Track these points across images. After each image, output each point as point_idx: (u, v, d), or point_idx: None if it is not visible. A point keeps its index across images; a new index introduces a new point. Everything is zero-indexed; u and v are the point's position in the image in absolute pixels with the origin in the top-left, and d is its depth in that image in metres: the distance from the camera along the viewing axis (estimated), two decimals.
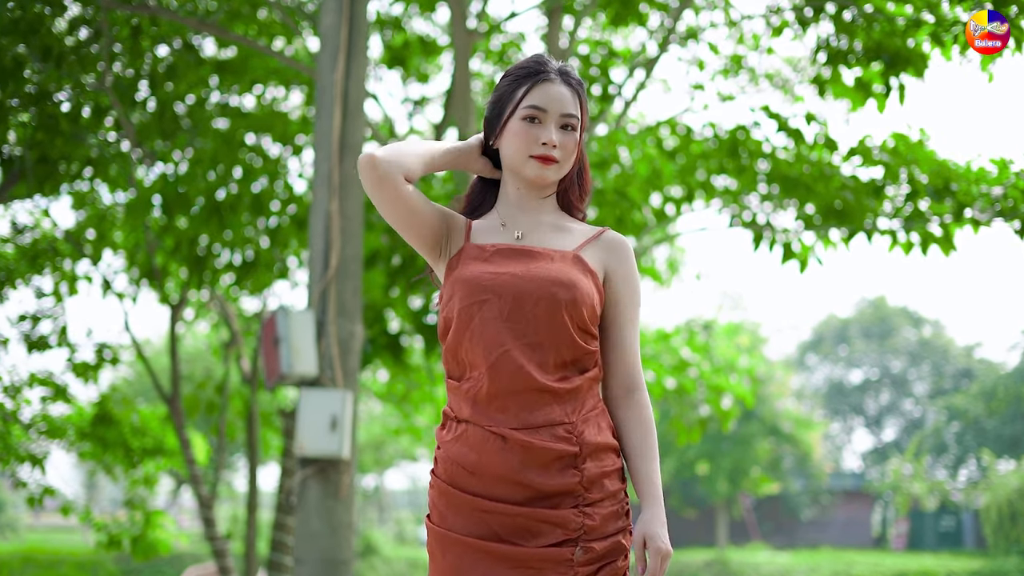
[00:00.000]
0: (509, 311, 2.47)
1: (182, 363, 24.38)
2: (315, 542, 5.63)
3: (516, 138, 2.55)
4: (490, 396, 2.46)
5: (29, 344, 9.76)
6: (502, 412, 2.46)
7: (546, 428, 2.44)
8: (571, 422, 2.46)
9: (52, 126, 7.67)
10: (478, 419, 2.47)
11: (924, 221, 7.13)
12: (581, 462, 2.45)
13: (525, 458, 2.42)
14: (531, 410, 2.45)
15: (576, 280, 2.50)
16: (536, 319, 2.47)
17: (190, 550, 23.52)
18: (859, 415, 50.20)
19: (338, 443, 5.63)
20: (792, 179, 7.31)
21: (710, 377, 10.62)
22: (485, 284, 2.50)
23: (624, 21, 9.16)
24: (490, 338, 2.47)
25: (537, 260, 2.53)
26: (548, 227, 2.62)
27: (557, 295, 2.47)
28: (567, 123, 2.56)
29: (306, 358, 5.69)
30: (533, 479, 2.42)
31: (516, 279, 2.49)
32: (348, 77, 6.10)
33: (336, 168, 6.00)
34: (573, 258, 2.54)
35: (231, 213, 8.32)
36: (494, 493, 2.44)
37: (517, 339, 2.46)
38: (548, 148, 2.53)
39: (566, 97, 2.56)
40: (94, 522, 10.16)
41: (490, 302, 2.48)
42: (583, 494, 2.44)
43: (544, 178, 2.57)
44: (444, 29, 10.28)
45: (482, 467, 2.45)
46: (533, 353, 2.46)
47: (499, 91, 2.61)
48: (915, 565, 28.24)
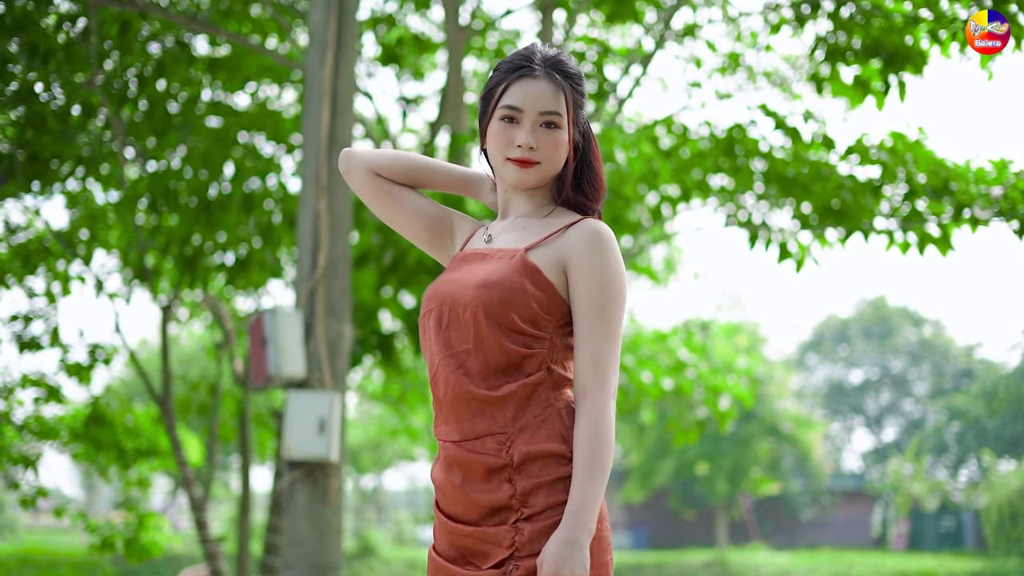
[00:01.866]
0: (446, 320, 2.38)
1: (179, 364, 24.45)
2: (303, 547, 5.55)
3: (494, 139, 2.44)
4: (440, 408, 2.40)
5: (21, 344, 9.69)
6: (448, 424, 2.38)
7: (480, 439, 2.33)
8: (504, 432, 2.31)
9: (40, 124, 7.58)
10: (438, 433, 2.42)
11: (922, 221, 7.06)
12: (515, 474, 2.29)
13: (465, 473, 2.34)
14: (471, 421, 2.34)
15: (505, 279, 2.34)
16: (465, 325, 2.35)
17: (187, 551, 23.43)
18: (859, 415, 50.16)
19: (326, 446, 5.54)
20: (789, 178, 7.23)
21: (708, 378, 10.54)
22: (432, 294, 2.45)
23: (620, 18, 9.09)
24: (432, 349, 2.41)
25: (485, 262, 2.42)
26: (520, 226, 2.47)
27: (479, 298, 2.33)
28: (548, 121, 2.40)
29: (294, 359, 5.61)
30: (475, 495, 2.32)
31: (454, 286, 2.40)
32: (337, 73, 6.02)
33: (324, 166, 5.91)
34: (516, 256, 2.38)
35: (221, 212, 8.23)
36: (451, 512, 2.38)
37: (450, 348, 2.36)
38: (524, 151, 2.40)
39: (546, 93, 2.40)
40: (87, 524, 10.10)
41: (433, 312, 2.41)
42: (520, 508, 2.28)
43: (524, 182, 2.44)
44: (439, 26, 10.21)
45: (441, 486, 2.40)
46: (466, 360, 2.34)
47: (485, 89, 2.50)
48: (915, 566, 28.19)
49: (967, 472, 40.44)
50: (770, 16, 8.55)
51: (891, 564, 29.03)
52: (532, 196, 2.51)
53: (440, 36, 10.10)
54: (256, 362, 5.81)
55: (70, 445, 10.47)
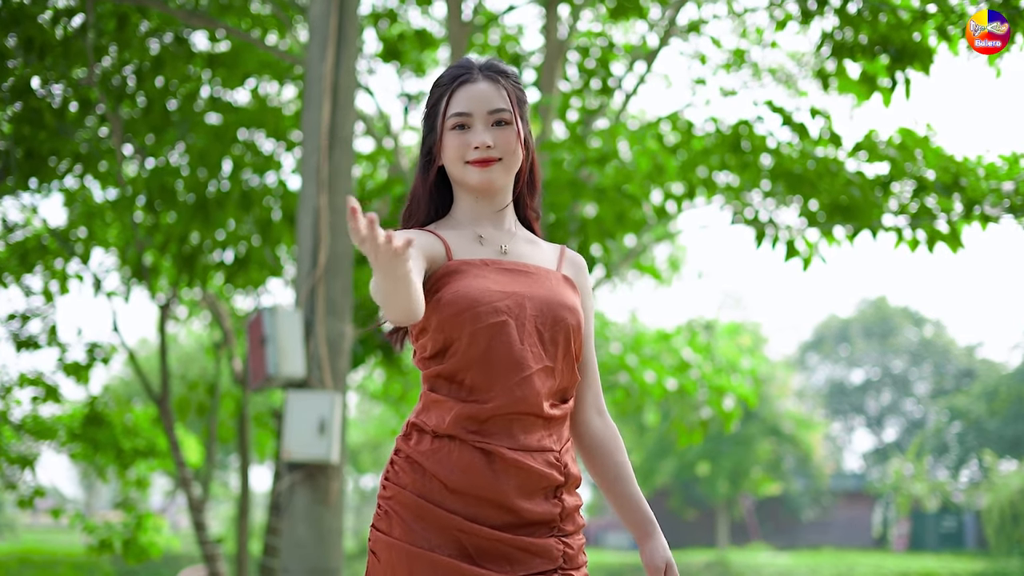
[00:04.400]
0: (527, 334, 2.37)
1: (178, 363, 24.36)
2: (302, 550, 5.43)
3: (450, 150, 2.44)
4: (493, 416, 2.34)
5: (18, 343, 9.62)
6: (498, 431, 2.34)
7: (539, 453, 2.36)
8: (557, 450, 2.38)
9: (37, 120, 7.49)
10: (465, 435, 2.33)
11: (931, 218, 6.96)
12: (563, 493, 2.38)
13: (518, 481, 2.32)
14: (527, 433, 2.36)
15: (576, 304, 2.45)
16: (553, 343, 2.39)
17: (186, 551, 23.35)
18: (860, 415, 50.12)
19: (327, 447, 5.42)
20: (796, 175, 7.12)
21: (712, 378, 10.43)
22: (496, 304, 2.36)
23: (624, 14, 8.99)
24: (513, 362, 2.35)
25: (534, 279, 2.44)
26: (521, 240, 2.51)
27: (567, 320, 2.41)
28: (498, 119, 2.43)
29: (293, 359, 5.49)
30: (520, 504, 2.32)
31: (526, 300, 2.39)
32: (338, 68, 5.89)
33: (325, 161, 5.79)
34: (563, 278, 2.48)
35: (220, 209, 8.13)
36: (473, 514, 2.31)
37: (537, 363, 2.36)
38: (482, 151, 2.41)
39: (489, 93, 2.43)
40: (85, 525, 10.03)
41: (507, 325, 2.35)
42: (559, 525, 2.37)
43: (490, 182, 2.44)
44: (441, 23, 10.12)
45: (466, 487, 2.31)
46: (547, 379, 2.38)
47: (426, 106, 2.51)
48: (917, 566, 28.13)
49: (968, 472, 40.42)
50: (775, 12, 8.46)
51: (892, 565, 28.98)
52: (499, 204, 2.51)
53: (442, 32, 10.01)
54: (255, 362, 5.68)
55: (68, 445, 10.40)
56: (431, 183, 2.50)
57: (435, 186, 2.52)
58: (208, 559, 8.98)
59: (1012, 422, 37.92)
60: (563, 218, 6.89)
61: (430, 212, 2.52)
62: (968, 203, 6.71)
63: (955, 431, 40.48)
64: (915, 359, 48.88)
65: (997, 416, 38.06)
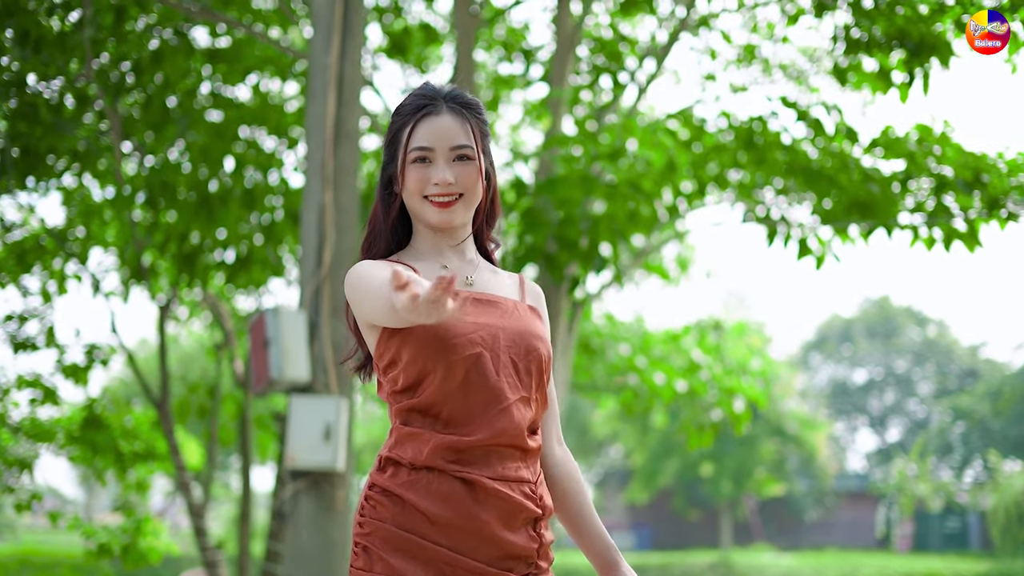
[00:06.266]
0: (503, 365, 2.35)
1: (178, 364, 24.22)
2: (307, 560, 5.24)
3: (411, 183, 2.41)
4: (472, 448, 2.30)
5: (16, 345, 9.51)
6: (477, 460, 2.31)
7: (516, 484, 2.33)
8: (532, 482, 2.37)
9: (33, 115, 7.33)
10: (444, 465, 2.28)
11: (949, 216, 6.80)
12: (540, 527, 2.37)
13: (499, 511, 2.29)
14: (504, 464, 2.33)
15: (545, 334, 2.45)
16: (528, 374, 2.38)
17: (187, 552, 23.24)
18: (863, 415, 50.02)
19: (332, 454, 5.23)
20: (814, 171, 6.95)
21: (722, 379, 10.27)
22: (470, 336, 2.33)
23: (634, 9, 8.84)
24: (491, 393, 2.32)
25: (503, 310, 2.42)
26: (485, 271, 2.51)
27: (540, 350, 2.40)
28: (460, 155, 2.40)
29: (297, 362, 5.30)
30: (503, 535, 2.29)
31: (499, 331, 2.37)
32: (343, 59, 5.71)
33: (330, 157, 5.61)
34: (530, 308, 2.47)
35: (221, 207, 7.96)
36: (457, 546, 2.27)
37: (515, 393, 2.35)
38: (442, 187, 2.39)
39: (452, 128, 2.40)
40: (84, 529, 9.91)
41: (483, 356, 2.33)
42: (536, 561, 2.34)
43: (449, 222, 2.42)
44: (446, 18, 9.97)
45: (449, 517, 2.27)
46: (526, 409, 2.36)
47: (388, 134, 2.48)
48: (921, 567, 28.05)
49: (972, 473, 40.33)
50: (787, 6, 8.30)
51: (897, 565, 28.92)
52: (458, 237, 2.49)
53: (447, 28, 9.87)
54: (257, 365, 5.49)
55: (67, 448, 10.28)
56: (393, 214, 2.48)
57: (397, 217, 2.50)
58: (209, 565, 8.84)
59: (1016, 422, 37.82)
60: (574, 215, 6.71)
61: (391, 243, 2.50)
62: (990, 200, 6.55)
63: (959, 431, 40.39)
64: (918, 359, 48.77)
65: (1001, 416, 37.98)
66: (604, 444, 42.35)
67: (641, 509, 42.17)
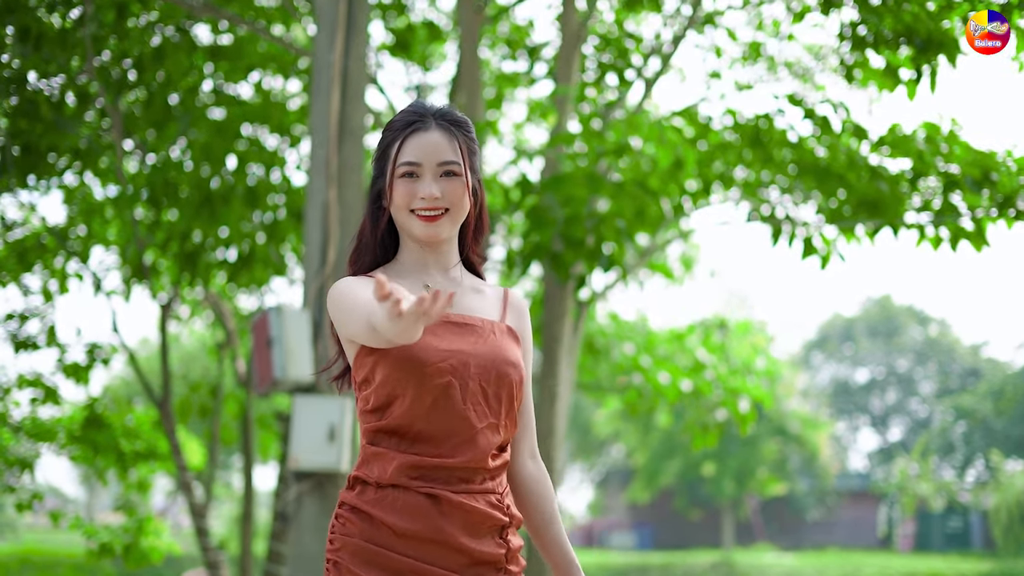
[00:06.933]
0: (470, 393, 2.40)
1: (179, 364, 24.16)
2: (311, 564, 5.18)
3: (398, 197, 2.47)
4: (436, 468, 2.37)
5: (16, 344, 9.47)
6: (441, 477, 2.38)
7: (482, 495, 2.40)
8: (499, 493, 2.44)
9: (34, 113, 7.28)
10: (408, 483, 2.36)
11: (956, 215, 6.74)
12: (507, 534, 2.44)
13: (464, 522, 2.37)
14: (470, 480, 2.40)
15: (518, 359, 2.48)
16: (497, 400, 2.43)
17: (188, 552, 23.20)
18: (864, 415, 49.97)
19: (336, 455, 5.17)
20: (822, 169, 6.89)
21: (727, 379, 10.21)
22: (439, 365, 2.38)
23: (638, 6, 8.78)
24: (456, 421, 2.38)
25: (478, 334, 2.46)
26: (468, 290, 2.55)
27: (511, 376, 2.44)
28: (447, 170, 2.45)
29: (301, 361, 5.25)
30: (469, 545, 2.36)
31: (470, 358, 2.42)
32: (347, 55, 5.65)
33: (334, 154, 5.55)
34: (507, 330, 2.52)
35: (224, 205, 7.90)
36: (424, 556, 2.34)
37: (482, 420, 2.41)
38: (428, 201, 2.44)
39: (441, 144, 2.45)
40: (85, 529, 9.88)
41: (451, 385, 2.38)
42: (504, 567, 2.42)
43: (435, 235, 2.47)
44: (448, 16, 9.90)
45: (415, 530, 2.34)
46: (493, 435, 2.42)
47: (378, 150, 2.54)
48: (924, 567, 28.01)
49: (974, 472, 40.28)
50: (792, 3, 8.23)
51: (899, 565, 28.89)
52: (442, 251, 2.54)
53: (449, 25, 9.81)
54: (260, 364, 5.42)
55: (68, 447, 10.25)
56: (381, 228, 2.54)
57: (384, 231, 2.55)
58: (211, 566, 8.79)
59: (1019, 422, 37.78)
60: (580, 213, 6.64)
61: (377, 256, 2.55)
62: (1004, 199, 6.50)
63: (961, 431, 40.35)
64: (920, 358, 48.72)
65: (1003, 416, 37.94)
66: (606, 443, 42.33)
67: (643, 509, 42.15)
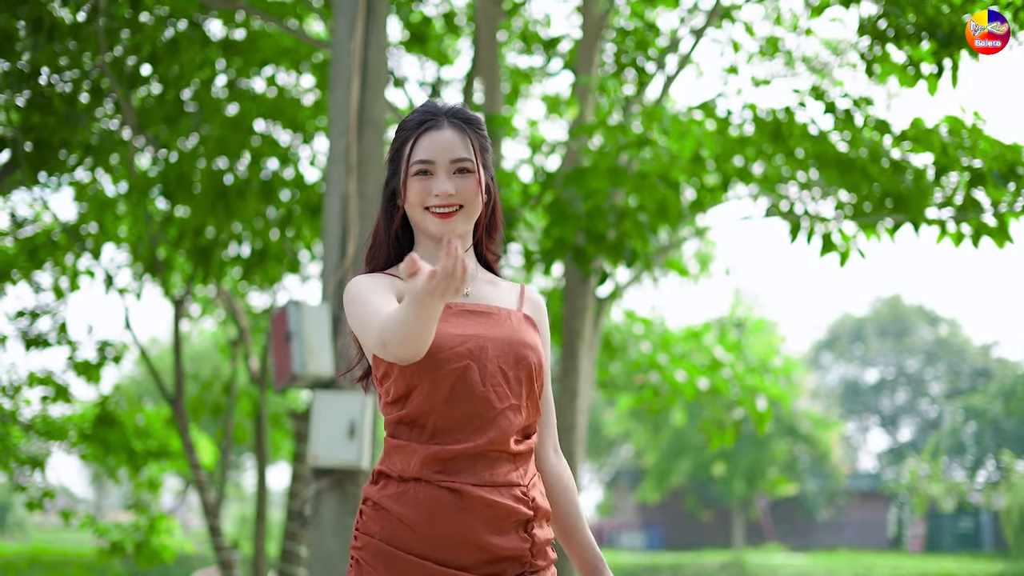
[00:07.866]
0: (489, 375, 2.41)
1: (189, 362, 24.14)
2: (331, 563, 5.09)
3: (412, 195, 2.50)
4: (458, 457, 2.37)
5: (27, 342, 9.44)
6: (463, 468, 2.38)
7: (506, 488, 2.39)
8: (524, 485, 2.42)
9: (46, 107, 7.21)
10: (430, 476, 2.36)
11: (979, 211, 6.63)
12: (532, 527, 2.42)
13: (486, 517, 2.36)
14: (492, 469, 2.39)
15: (537, 343, 2.51)
16: (518, 382, 2.44)
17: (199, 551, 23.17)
18: (874, 415, 49.85)
19: (357, 452, 5.08)
20: (846, 163, 6.78)
21: (744, 377, 10.12)
22: (456, 350, 2.40)
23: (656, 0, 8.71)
24: (477, 404, 2.39)
25: (495, 319, 2.49)
26: (482, 282, 2.58)
27: (529, 358, 2.46)
28: (460, 167, 2.49)
29: (321, 357, 5.16)
30: (491, 541, 2.35)
31: (487, 342, 2.44)
32: (367, 45, 5.56)
33: (354, 145, 5.45)
34: (524, 318, 2.54)
35: (239, 199, 7.82)
36: (442, 556, 2.34)
37: (503, 401, 2.41)
38: (442, 198, 2.47)
39: (453, 142, 2.49)
40: (96, 528, 9.85)
41: (469, 369, 2.39)
42: (530, 561, 2.41)
43: (449, 232, 2.49)
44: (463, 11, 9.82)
45: (433, 528, 2.34)
46: (515, 416, 2.42)
47: (391, 150, 2.57)
48: (935, 568, 27.91)
49: (985, 473, 40.14)
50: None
51: (910, 566, 28.79)
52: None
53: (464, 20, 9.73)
54: (279, 360, 5.33)
55: (78, 446, 10.22)
56: (395, 227, 2.57)
57: (399, 229, 2.58)
58: (224, 565, 8.72)
59: None
60: (602, 206, 6.55)
61: (391, 254, 2.58)
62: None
63: (971, 431, 40.20)
64: (930, 358, 48.58)
65: (1014, 416, 37.80)
66: (616, 443, 42.26)
67: (653, 509, 42.06)
